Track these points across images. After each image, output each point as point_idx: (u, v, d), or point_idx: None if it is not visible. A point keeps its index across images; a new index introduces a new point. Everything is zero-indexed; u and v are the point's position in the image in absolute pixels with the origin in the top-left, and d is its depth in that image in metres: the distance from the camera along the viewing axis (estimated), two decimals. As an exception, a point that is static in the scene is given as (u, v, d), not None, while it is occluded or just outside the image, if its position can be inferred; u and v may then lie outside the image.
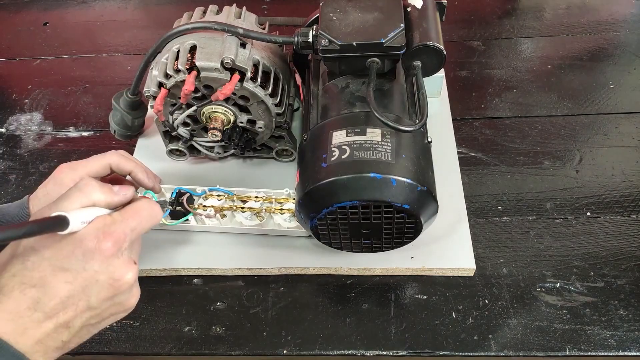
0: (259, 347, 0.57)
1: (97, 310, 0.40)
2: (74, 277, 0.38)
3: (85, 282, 0.39)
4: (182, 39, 0.60)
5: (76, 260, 0.38)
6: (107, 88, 0.87)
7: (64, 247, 0.38)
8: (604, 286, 0.59)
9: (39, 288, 0.37)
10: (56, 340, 0.38)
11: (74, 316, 0.39)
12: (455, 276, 0.60)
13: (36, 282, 0.38)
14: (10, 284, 0.37)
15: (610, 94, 0.78)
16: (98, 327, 0.42)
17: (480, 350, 0.55)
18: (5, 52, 0.95)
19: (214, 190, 0.64)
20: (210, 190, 0.64)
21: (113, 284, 0.40)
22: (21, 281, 0.37)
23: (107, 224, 0.40)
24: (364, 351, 0.56)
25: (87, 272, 0.38)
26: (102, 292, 0.40)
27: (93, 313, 0.40)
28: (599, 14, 0.91)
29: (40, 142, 0.80)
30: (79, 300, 0.39)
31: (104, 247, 0.39)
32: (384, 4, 0.57)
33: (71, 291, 0.38)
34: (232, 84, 0.58)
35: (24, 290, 0.37)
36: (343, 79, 0.60)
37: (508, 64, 0.84)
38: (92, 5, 1.04)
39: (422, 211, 0.52)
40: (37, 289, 0.37)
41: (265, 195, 0.63)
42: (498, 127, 0.75)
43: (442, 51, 0.56)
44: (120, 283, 0.40)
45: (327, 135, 0.54)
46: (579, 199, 0.66)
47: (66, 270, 0.38)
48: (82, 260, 0.38)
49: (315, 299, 0.60)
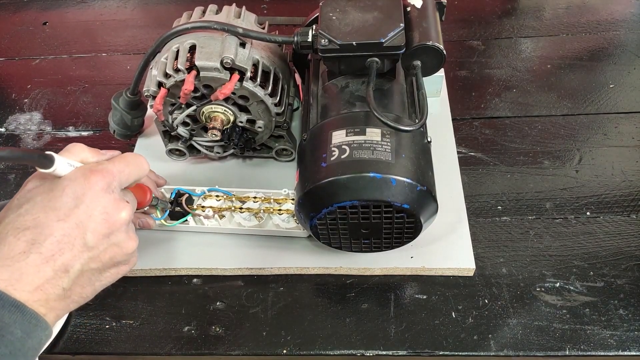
0: (259, 347, 0.57)
1: (95, 250, 0.39)
2: (66, 214, 0.38)
3: (78, 217, 0.38)
4: (181, 39, 0.60)
5: (67, 198, 0.38)
6: (106, 88, 0.87)
7: (54, 189, 0.39)
8: (603, 286, 0.59)
9: (32, 229, 0.37)
10: (56, 286, 0.38)
11: (72, 257, 0.38)
12: (455, 276, 0.60)
13: (29, 224, 0.37)
14: (4, 231, 0.37)
15: (610, 94, 0.78)
16: (100, 278, 0.41)
17: (480, 350, 0.55)
18: (4, 52, 0.95)
19: (213, 191, 0.64)
20: (210, 191, 0.64)
21: (107, 219, 0.40)
22: (14, 226, 0.37)
23: (94, 164, 0.41)
24: (363, 351, 0.56)
25: (79, 208, 0.38)
26: (97, 228, 0.39)
27: (92, 254, 0.39)
28: (599, 14, 0.91)
29: (39, 141, 0.80)
30: (75, 239, 0.38)
31: (92, 182, 0.39)
32: (383, 4, 0.57)
33: (65, 229, 0.38)
34: (232, 84, 0.58)
35: (17, 234, 0.37)
36: (343, 79, 0.60)
37: (508, 63, 0.84)
38: (91, 4, 1.04)
39: (421, 211, 0.52)
40: (30, 231, 0.37)
41: (264, 196, 0.63)
42: (498, 127, 0.75)
43: (442, 51, 0.56)
44: (114, 219, 0.40)
45: (327, 135, 0.54)
46: (578, 199, 0.66)
47: (58, 209, 0.38)
48: (72, 198, 0.39)
49: (315, 299, 0.60)
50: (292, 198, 0.62)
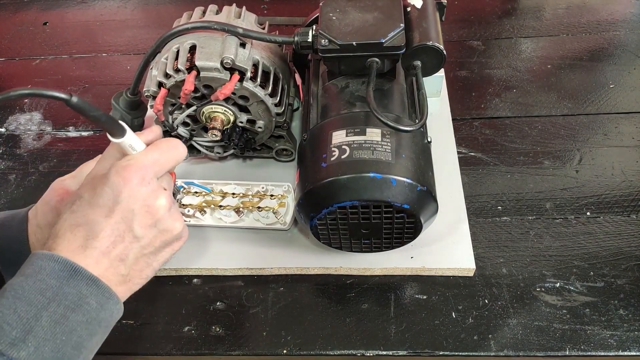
0: (259, 347, 0.57)
1: (145, 239, 0.42)
2: (110, 210, 0.41)
3: (122, 213, 0.41)
4: (181, 39, 0.60)
5: (107, 195, 0.41)
6: (106, 88, 0.87)
7: (96, 187, 0.41)
8: (603, 286, 0.59)
9: (84, 226, 0.40)
10: (115, 274, 0.41)
11: (124, 248, 0.41)
12: (455, 276, 0.60)
13: (81, 221, 0.41)
14: (63, 227, 0.41)
15: (610, 94, 0.78)
16: (156, 259, 0.44)
17: (480, 350, 0.55)
18: (4, 52, 0.95)
19: (191, 185, 0.64)
20: (187, 185, 0.64)
21: (149, 210, 0.42)
22: (70, 223, 0.41)
23: (126, 160, 0.42)
24: (363, 351, 0.56)
25: (120, 204, 0.41)
26: (142, 220, 0.42)
27: (142, 243, 0.42)
28: (599, 14, 0.91)
29: (39, 142, 0.80)
30: (123, 232, 0.41)
31: (127, 178, 0.41)
32: (383, 4, 0.57)
33: (113, 224, 0.41)
34: (232, 84, 0.58)
35: (73, 230, 0.40)
36: (343, 79, 0.60)
37: (508, 63, 0.84)
38: (91, 5, 1.04)
39: (421, 211, 0.52)
40: (83, 227, 0.40)
41: (242, 192, 0.65)
42: (498, 127, 0.75)
43: (442, 51, 0.56)
44: (155, 208, 0.42)
45: (327, 135, 0.54)
46: (578, 199, 0.66)
47: (101, 206, 0.41)
48: (112, 195, 0.41)
49: (315, 299, 0.60)
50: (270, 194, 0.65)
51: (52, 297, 0.37)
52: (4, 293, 0.37)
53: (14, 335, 0.35)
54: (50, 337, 0.36)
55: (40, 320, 0.36)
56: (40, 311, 0.36)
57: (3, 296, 0.37)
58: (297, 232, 0.64)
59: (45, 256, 0.39)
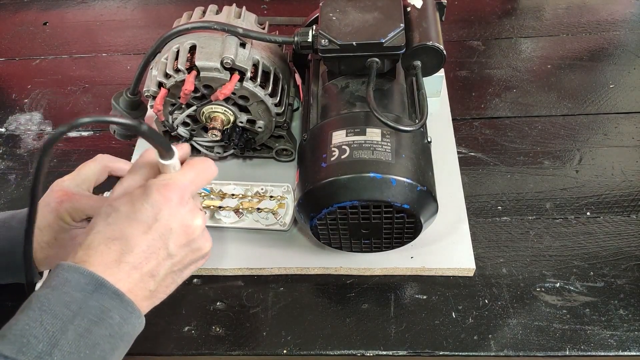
0: (259, 347, 0.57)
1: (177, 257, 0.43)
2: (149, 227, 0.41)
3: (159, 230, 0.42)
4: (181, 39, 0.60)
5: (147, 212, 0.41)
6: (106, 88, 0.87)
7: (135, 202, 0.42)
8: (603, 286, 0.59)
9: (121, 240, 0.41)
10: (144, 289, 0.42)
11: (157, 264, 0.42)
12: (455, 276, 0.60)
13: (118, 235, 0.41)
14: (97, 239, 0.41)
15: (610, 94, 0.78)
16: (182, 276, 0.45)
17: (480, 350, 0.55)
18: (4, 52, 0.95)
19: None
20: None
21: (186, 230, 0.43)
22: (105, 236, 0.41)
23: (167, 179, 0.43)
24: (363, 351, 0.56)
25: (159, 221, 0.41)
26: (178, 239, 0.43)
27: (174, 260, 0.43)
28: (599, 14, 0.91)
29: (40, 142, 0.80)
30: (159, 249, 0.42)
31: (167, 197, 0.42)
32: (383, 4, 0.57)
33: (149, 240, 0.41)
34: (232, 84, 0.58)
35: (108, 244, 0.40)
36: (343, 79, 0.60)
37: (508, 64, 0.84)
38: (91, 5, 1.04)
39: (421, 211, 0.52)
40: (119, 242, 0.41)
41: (242, 193, 0.65)
42: (498, 127, 0.75)
43: (442, 51, 0.56)
44: (192, 229, 0.43)
45: (327, 135, 0.54)
46: (578, 199, 0.66)
47: (141, 221, 0.41)
48: (152, 213, 0.41)
49: (315, 299, 0.60)
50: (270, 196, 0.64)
51: (77, 311, 0.37)
52: (30, 304, 0.38)
53: (40, 348, 0.36)
54: (74, 351, 0.37)
55: (66, 333, 0.37)
56: (65, 324, 0.37)
57: (30, 308, 0.37)
58: (297, 232, 0.64)
59: (71, 268, 0.39)
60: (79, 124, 0.37)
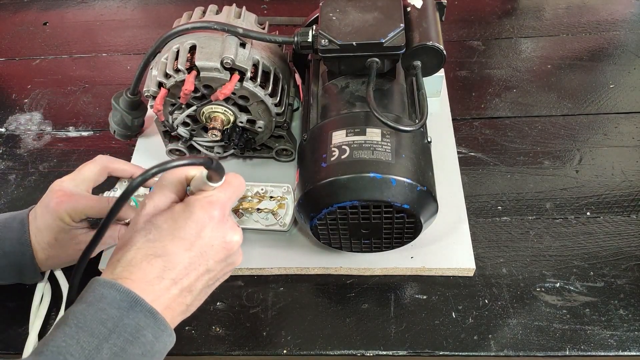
0: (259, 347, 0.57)
1: (214, 272, 0.44)
2: (192, 244, 0.42)
3: (203, 248, 0.42)
4: (181, 39, 0.60)
5: (190, 230, 0.42)
6: (106, 88, 0.87)
7: (177, 219, 0.42)
8: (603, 286, 0.59)
9: (163, 257, 0.41)
10: (181, 304, 0.42)
11: (196, 279, 0.42)
12: (455, 276, 0.60)
13: (160, 252, 0.41)
14: (138, 256, 0.41)
15: (610, 94, 0.78)
16: (213, 288, 0.46)
17: (480, 350, 0.55)
18: (4, 52, 0.95)
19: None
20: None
21: (226, 247, 0.44)
22: (146, 252, 0.41)
23: (209, 196, 0.43)
24: (363, 351, 0.56)
25: (202, 239, 0.42)
26: (217, 255, 0.43)
27: (211, 275, 0.44)
28: (599, 14, 0.91)
29: (39, 142, 0.80)
30: (199, 265, 0.42)
31: (211, 214, 0.42)
32: (383, 4, 0.57)
33: (192, 257, 0.42)
34: (232, 84, 0.58)
35: (151, 260, 0.40)
36: (343, 79, 0.60)
37: (508, 63, 0.84)
38: (91, 4, 1.04)
39: (421, 211, 0.52)
40: (162, 259, 0.41)
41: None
42: (498, 127, 0.75)
43: (442, 51, 0.56)
44: (232, 245, 0.44)
45: (327, 135, 0.54)
46: (578, 199, 0.66)
47: (183, 238, 0.41)
48: (195, 229, 0.42)
49: (315, 299, 0.60)
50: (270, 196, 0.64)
51: (113, 329, 0.37)
52: (66, 321, 0.38)
53: None
54: None
55: (101, 352, 0.36)
56: (101, 343, 0.37)
57: (66, 324, 0.37)
58: (297, 232, 0.64)
59: (107, 284, 0.39)
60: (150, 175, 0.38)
